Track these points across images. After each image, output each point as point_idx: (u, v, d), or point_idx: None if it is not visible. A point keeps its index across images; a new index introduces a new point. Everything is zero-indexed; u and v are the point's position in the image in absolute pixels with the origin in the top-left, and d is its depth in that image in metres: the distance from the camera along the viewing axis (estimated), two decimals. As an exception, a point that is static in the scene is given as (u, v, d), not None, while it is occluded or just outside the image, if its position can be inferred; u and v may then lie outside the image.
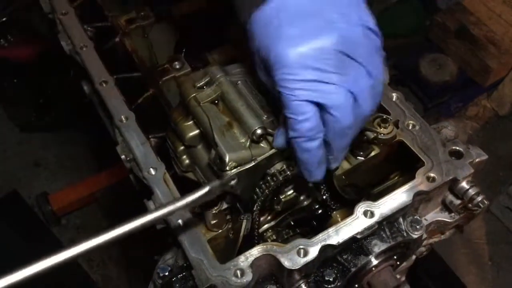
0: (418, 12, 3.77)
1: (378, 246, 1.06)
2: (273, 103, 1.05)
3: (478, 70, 3.53)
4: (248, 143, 0.99)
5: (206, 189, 0.94)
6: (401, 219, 1.10)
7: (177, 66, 1.33)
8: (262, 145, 1.01)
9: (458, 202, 1.14)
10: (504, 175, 3.30)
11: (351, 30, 0.90)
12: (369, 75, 0.93)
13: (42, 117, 3.63)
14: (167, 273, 1.09)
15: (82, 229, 3.28)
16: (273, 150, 1.00)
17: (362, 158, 1.21)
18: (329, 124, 0.93)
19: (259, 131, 0.98)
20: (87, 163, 3.51)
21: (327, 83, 0.89)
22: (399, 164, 1.30)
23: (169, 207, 0.92)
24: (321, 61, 0.88)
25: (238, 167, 0.98)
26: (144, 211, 1.13)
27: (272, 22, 0.90)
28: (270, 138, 1.01)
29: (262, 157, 1.00)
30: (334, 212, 1.22)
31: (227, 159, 0.96)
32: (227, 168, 0.96)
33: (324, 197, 1.19)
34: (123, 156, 1.18)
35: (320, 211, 1.26)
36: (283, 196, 1.16)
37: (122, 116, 1.21)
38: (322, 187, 1.19)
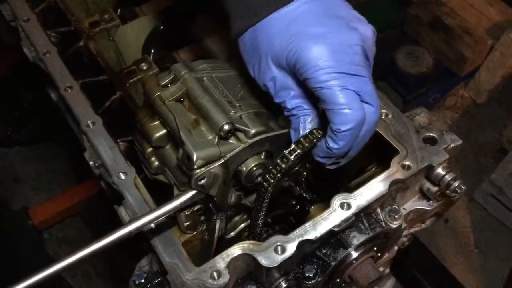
0: (392, 6, 3.79)
1: (357, 238, 1.04)
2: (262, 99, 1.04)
3: (454, 60, 3.55)
4: (216, 140, 0.96)
5: (176, 202, 0.95)
6: (379, 210, 1.08)
7: (144, 67, 1.31)
8: (231, 141, 0.98)
9: (435, 189, 1.13)
10: (485, 162, 3.32)
11: (367, 34, 0.95)
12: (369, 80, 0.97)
13: (18, 131, 3.56)
14: (143, 280, 1.06)
15: (65, 242, 3.21)
16: (242, 146, 0.98)
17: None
18: (368, 115, 0.94)
19: (226, 127, 0.95)
20: (67, 175, 3.45)
21: (360, 75, 0.92)
22: (375, 155, 1.28)
23: (140, 220, 0.93)
24: (352, 55, 0.91)
25: (207, 165, 0.95)
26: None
27: (295, 22, 0.92)
28: (238, 134, 0.99)
29: (232, 153, 0.97)
30: (312, 207, 1.20)
31: (194, 158, 0.93)
32: (195, 166, 0.93)
33: (305, 192, 1.17)
34: (91, 162, 1.15)
35: (297, 207, 1.23)
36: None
37: (89, 121, 1.18)
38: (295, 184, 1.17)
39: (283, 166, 0.98)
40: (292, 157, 0.97)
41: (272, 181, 0.99)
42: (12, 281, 0.85)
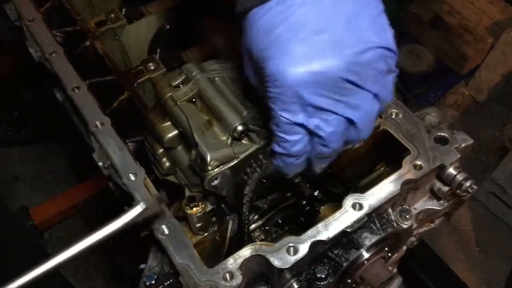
0: (392, 4, 3.78)
1: (369, 239, 1.04)
2: (255, 99, 1.02)
3: (454, 58, 3.55)
4: (229, 141, 0.96)
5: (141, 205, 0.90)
6: (390, 210, 1.08)
7: (152, 67, 1.30)
8: (244, 141, 0.98)
9: (446, 189, 1.12)
10: (486, 160, 3.32)
11: (362, 54, 0.81)
12: (376, 99, 0.88)
13: (18, 131, 3.55)
14: (153, 282, 1.05)
15: (66, 241, 3.20)
16: (255, 146, 0.97)
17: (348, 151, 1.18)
18: (316, 147, 0.90)
19: (240, 128, 0.95)
20: (67, 175, 3.44)
21: (324, 110, 0.84)
22: (384, 154, 1.28)
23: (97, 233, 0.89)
24: (323, 87, 0.81)
25: (221, 166, 0.94)
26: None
27: (274, 28, 0.81)
28: (252, 135, 0.98)
29: (245, 154, 0.96)
30: (322, 207, 1.20)
31: (208, 159, 0.92)
32: (209, 168, 0.93)
33: (315, 192, 1.17)
34: (100, 163, 1.14)
35: (307, 207, 1.23)
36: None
37: (97, 122, 1.16)
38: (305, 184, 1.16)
39: (258, 170, 0.99)
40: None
41: (250, 180, 1.00)
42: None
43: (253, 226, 1.20)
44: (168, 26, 1.50)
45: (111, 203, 1.34)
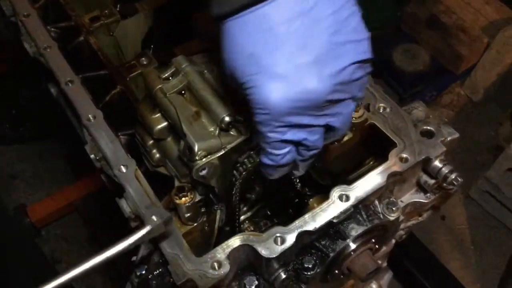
0: (389, 3, 3.80)
1: (355, 230, 1.06)
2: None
3: (450, 58, 3.56)
4: (217, 132, 0.98)
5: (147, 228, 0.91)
6: (377, 202, 1.10)
7: (145, 62, 1.32)
8: (231, 133, 1.00)
9: (432, 181, 1.14)
10: (481, 160, 3.34)
11: (344, 70, 0.81)
12: (352, 102, 0.92)
13: (16, 128, 3.56)
14: (143, 272, 1.07)
15: (63, 239, 3.22)
16: (242, 137, 0.99)
17: (336, 144, 1.20)
18: (301, 153, 0.95)
19: (227, 119, 0.97)
20: (65, 173, 3.45)
21: (309, 125, 0.88)
22: (373, 149, 1.29)
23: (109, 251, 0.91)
24: (309, 109, 0.83)
25: (208, 156, 0.96)
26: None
27: (255, 52, 0.78)
28: (239, 126, 1.00)
29: (232, 144, 0.98)
30: (311, 200, 1.22)
31: (196, 149, 0.94)
32: (197, 158, 0.95)
33: (298, 186, 1.19)
34: (92, 156, 1.16)
35: (296, 200, 1.25)
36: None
37: (90, 115, 1.18)
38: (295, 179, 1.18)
39: (249, 165, 1.02)
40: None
41: (239, 176, 1.04)
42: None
43: (242, 218, 1.22)
44: (161, 23, 1.52)
45: (108, 201, 1.35)
